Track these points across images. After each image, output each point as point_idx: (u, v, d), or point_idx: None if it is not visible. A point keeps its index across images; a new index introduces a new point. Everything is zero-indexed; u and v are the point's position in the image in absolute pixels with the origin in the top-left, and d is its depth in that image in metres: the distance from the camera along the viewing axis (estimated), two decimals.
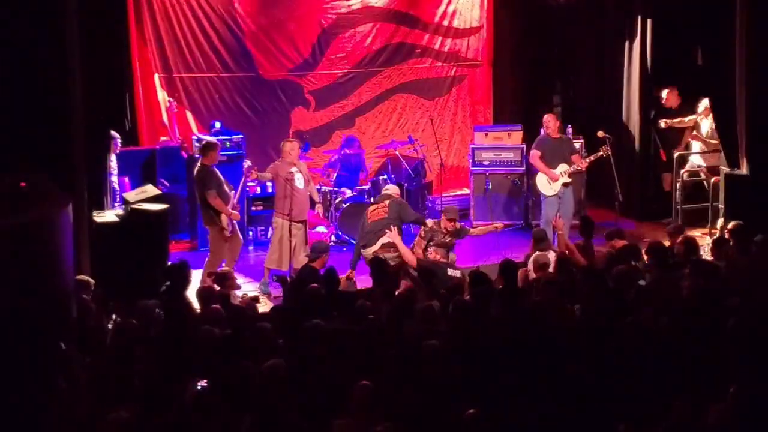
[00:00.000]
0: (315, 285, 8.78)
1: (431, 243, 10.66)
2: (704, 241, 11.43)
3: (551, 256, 9.82)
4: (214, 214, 11.20)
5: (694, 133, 13.11)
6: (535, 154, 12.42)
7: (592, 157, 12.31)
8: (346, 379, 6.45)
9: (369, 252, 10.68)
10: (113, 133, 11.80)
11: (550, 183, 12.25)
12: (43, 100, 8.92)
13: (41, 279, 7.14)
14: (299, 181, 11.47)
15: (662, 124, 13.47)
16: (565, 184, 12.26)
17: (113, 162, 11.82)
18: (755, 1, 10.62)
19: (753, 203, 10.65)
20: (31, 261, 7.01)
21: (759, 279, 8.25)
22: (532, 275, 9.42)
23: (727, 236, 10.11)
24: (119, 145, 12.16)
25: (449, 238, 10.93)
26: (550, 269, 9.36)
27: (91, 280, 8.68)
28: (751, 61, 10.70)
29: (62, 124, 9.09)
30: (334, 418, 6.07)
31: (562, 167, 12.25)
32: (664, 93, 13.46)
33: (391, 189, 11.67)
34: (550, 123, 12.52)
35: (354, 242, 12.83)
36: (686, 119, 13.28)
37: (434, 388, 6.42)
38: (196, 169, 11.42)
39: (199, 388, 6.40)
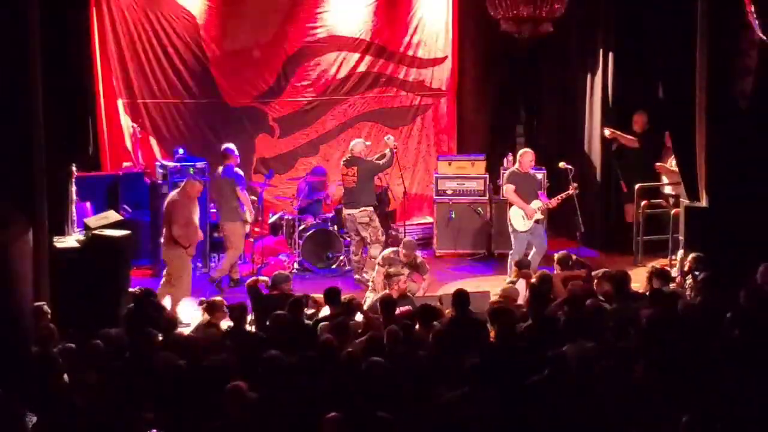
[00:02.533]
0: (281, 312, 8.77)
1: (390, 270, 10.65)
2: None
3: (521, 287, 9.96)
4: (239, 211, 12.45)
5: (659, 164, 13.22)
6: (509, 188, 12.25)
7: (563, 195, 12.27)
8: (311, 412, 6.43)
9: (354, 212, 12.56)
10: None
11: (524, 219, 12.18)
12: (4, 125, 8.85)
13: None
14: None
15: (607, 132, 13.61)
16: (536, 221, 12.24)
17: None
18: (715, 34, 10.75)
19: (712, 235, 10.74)
20: None
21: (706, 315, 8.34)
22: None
23: (687, 268, 10.22)
24: (75, 171, 12.09)
25: (407, 269, 11.01)
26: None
27: (47, 308, 8.58)
28: (710, 94, 10.82)
29: (23, 149, 9.02)
30: None
31: (536, 204, 12.20)
32: (635, 116, 13.62)
33: (357, 147, 12.72)
34: (526, 158, 12.34)
35: (317, 269, 12.90)
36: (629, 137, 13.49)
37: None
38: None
39: None
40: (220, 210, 12.80)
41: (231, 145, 12.91)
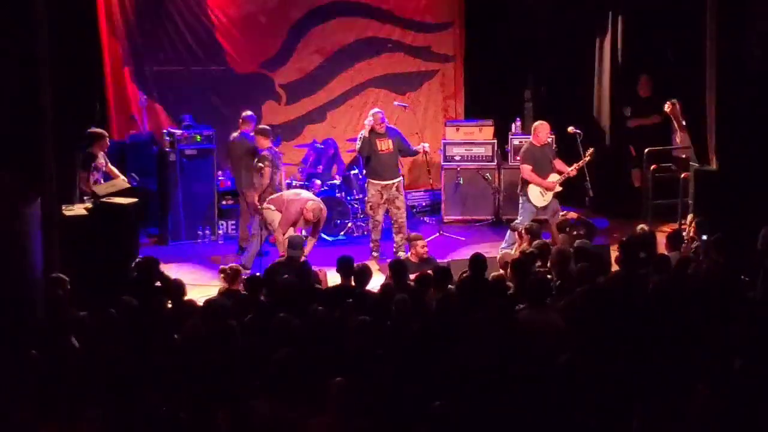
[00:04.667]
0: (287, 276, 8.77)
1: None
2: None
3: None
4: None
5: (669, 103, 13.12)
6: (526, 168, 11.90)
7: (581, 163, 11.93)
8: (319, 376, 6.44)
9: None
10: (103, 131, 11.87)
11: (543, 195, 11.90)
12: (11, 94, 8.82)
13: (6, 272, 7.08)
14: None
15: (630, 123, 13.62)
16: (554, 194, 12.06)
17: (103, 159, 11.79)
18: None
19: (722, 199, 10.70)
20: None
21: (711, 279, 8.32)
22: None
23: (692, 233, 10.20)
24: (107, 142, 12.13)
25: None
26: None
27: (65, 278, 8.60)
28: (721, 57, 10.74)
29: (30, 118, 8.99)
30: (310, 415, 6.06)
31: (554, 177, 11.93)
32: (641, 80, 13.56)
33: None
34: (542, 132, 12.00)
35: (325, 237, 12.90)
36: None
37: (409, 381, 6.45)
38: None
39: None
40: (239, 177, 12.72)
41: (251, 113, 12.88)
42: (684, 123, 12.54)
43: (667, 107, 12.91)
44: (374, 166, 12.15)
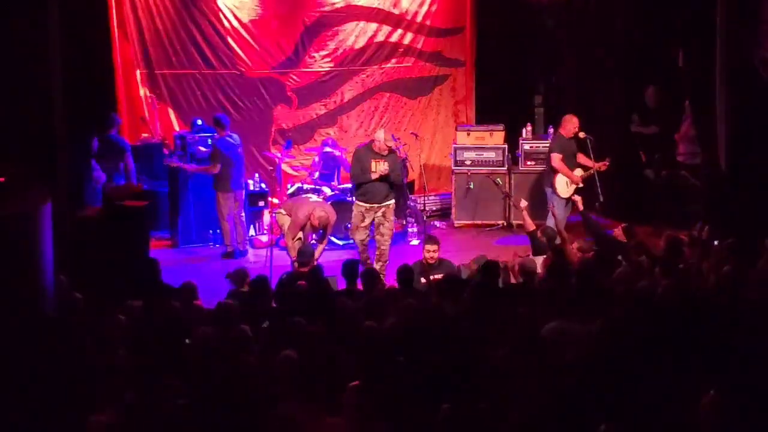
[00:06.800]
0: (302, 282, 8.78)
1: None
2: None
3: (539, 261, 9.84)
4: None
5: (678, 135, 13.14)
6: (557, 157, 12.06)
7: (600, 165, 12.06)
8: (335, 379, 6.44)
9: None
10: None
11: (568, 186, 12.07)
12: (24, 96, 8.86)
13: (19, 273, 7.10)
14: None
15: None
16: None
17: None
18: (737, 1, 10.67)
19: (732, 205, 10.69)
20: (8, 255, 6.98)
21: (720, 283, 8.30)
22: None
23: (704, 238, 10.18)
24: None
25: None
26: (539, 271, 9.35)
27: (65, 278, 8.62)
28: (732, 63, 10.74)
29: (43, 120, 9.04)
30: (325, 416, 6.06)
31: (578, 172, 12.12)
32: (648, 90, 13.56)
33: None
34: (570, 124, 12.13)
35: (334, 240, 12.88)
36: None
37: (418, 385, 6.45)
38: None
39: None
40: (222, 179, 12.71)
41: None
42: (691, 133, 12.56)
43: None
44: (364, 186, 11.41)
